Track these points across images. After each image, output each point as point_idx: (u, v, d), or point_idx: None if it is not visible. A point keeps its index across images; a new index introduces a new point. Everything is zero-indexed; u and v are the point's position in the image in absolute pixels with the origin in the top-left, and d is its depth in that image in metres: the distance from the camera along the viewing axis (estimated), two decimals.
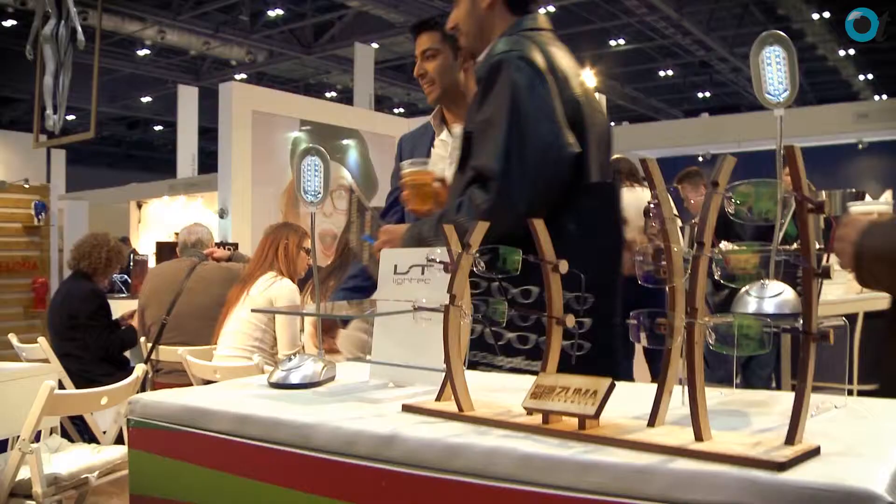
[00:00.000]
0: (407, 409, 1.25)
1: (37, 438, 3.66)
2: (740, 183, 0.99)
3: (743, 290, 1.26)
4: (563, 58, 2.12)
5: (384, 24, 13.09)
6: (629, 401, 1.18)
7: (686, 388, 0.99)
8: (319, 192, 1.60)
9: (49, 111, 7.89)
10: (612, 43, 16.05)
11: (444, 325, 1.17)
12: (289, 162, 9.33)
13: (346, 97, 14.41)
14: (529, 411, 1.10)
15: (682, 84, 19.04)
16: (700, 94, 19.88)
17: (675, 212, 3.16)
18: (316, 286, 1.67)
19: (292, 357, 1.60)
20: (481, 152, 1.97)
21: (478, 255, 1.17)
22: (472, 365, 1.85)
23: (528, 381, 1.17)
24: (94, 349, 5.12)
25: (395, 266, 1.56)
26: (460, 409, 1.19)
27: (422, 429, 1.14)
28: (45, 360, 4.81)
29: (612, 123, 2.60)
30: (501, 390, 1.45)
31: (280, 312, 2.21)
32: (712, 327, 0.95)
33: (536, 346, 1.86)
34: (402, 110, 18.04)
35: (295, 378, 1.54)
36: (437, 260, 1.29)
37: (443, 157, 2.93)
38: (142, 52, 15.89)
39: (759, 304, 1.22)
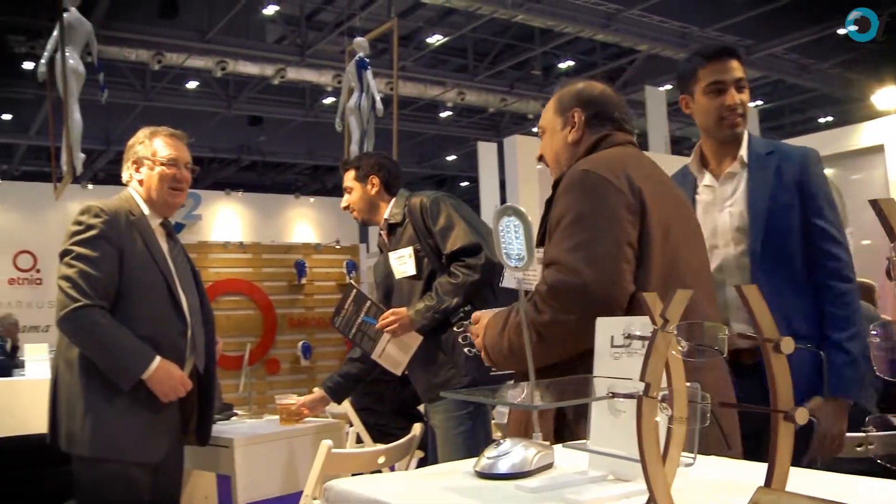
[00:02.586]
0: None
1: None
2: None
3: None
4: None
5: (675, 64, 12.64)
6: None
7: None
8: (524, 256, 1.42)
9: None
10: None
11: (637, 422, 0.94)
12: None
13: (642, 142, 14.11)
14: None
15: None
16: None
17: None
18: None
19: (502, 441, 1.42)
20: (455, 242, 3.27)
21: (676, 332, 0.93)
22: None
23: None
24: (388, 402, 5.23)
25: (612, 338, 1.33)
26: None
27: None
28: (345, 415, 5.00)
29: None
30: (725, 489, 1.18)
31: (505, 404, 2.04)
32: None
33: None
34: None
35: (503, 466, 1.35)
36: (638, 334, 1.06)
37: (711, 205, 2.67)
38: (444, 114, 16.65)
39: None
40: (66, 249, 2.90)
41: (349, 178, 3.68)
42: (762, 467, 1.38)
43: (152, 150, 3.12)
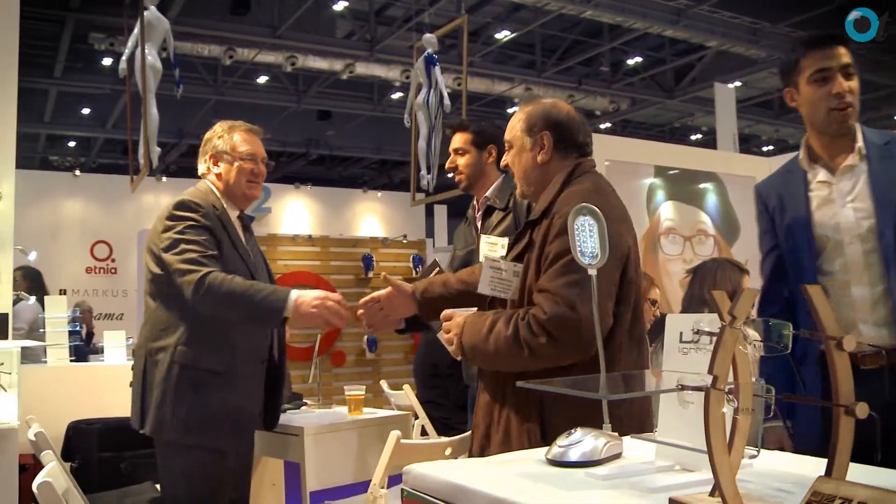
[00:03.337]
0: None
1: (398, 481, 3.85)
2: None
3: None
4: None
5: (745, 61, 12.48)
6: None
7: None
8: (597, 254, 1.49)
9: (423, 171, 8.51)
10: None
11: (704, 412, 0.99)
12: (645, 208, 9.16)
13: (711, 139, 13.95)
14: None
15: None
16: None
17: None
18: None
19: (573, 431, 1.48)
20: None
21: (743, 327, 0.98)
22: None
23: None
24: (453, 397, 5.28)
25: (681, 333, 1.38)
26: None
27: None
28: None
29: None
30: (788, 480, 1.22)
31: (575, 394, 2.08)
32: None
33: None
34: (770, 147, 17.07)
35: (573, 455, 1.42)
36: (707, 330, 1.11)
37: (829, 201, 2.48)
38: (511, 110, 16.67)
39: None
40: (173, 241, 2.91)
41: (463, 141, 3.59)
42: (825, 462, 1.42)
43: (232, 145, 3.18)
